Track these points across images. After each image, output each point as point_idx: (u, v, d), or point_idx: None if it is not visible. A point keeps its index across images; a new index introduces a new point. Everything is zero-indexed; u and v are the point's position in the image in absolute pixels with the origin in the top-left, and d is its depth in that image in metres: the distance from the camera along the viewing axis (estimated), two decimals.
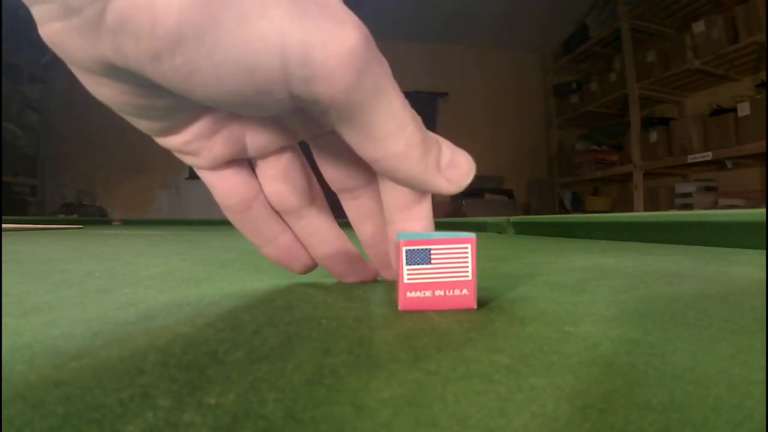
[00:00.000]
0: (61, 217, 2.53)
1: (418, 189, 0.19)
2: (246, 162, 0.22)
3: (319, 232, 0.23)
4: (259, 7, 0.13)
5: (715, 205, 2.48)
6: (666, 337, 0.15)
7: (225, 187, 0.21)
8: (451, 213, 3.45)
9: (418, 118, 0.17)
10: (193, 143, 0.19)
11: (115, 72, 0.15)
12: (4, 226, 0.99)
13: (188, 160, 0.20)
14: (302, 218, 0.23)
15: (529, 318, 0.18)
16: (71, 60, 0.15)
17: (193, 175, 3.33)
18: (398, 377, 0.12)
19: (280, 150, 0.21)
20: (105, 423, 0.09)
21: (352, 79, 0.14)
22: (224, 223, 0.20)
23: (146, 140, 0.22)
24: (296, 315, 0.19)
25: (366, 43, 0.14)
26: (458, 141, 0.19)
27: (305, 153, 0.23)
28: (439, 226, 0.24)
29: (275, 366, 0.12)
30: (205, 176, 0.21)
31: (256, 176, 0.22)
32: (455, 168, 0.18)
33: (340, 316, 0.18)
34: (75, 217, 2.52)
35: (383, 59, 0.15)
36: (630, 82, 2.87)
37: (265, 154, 0.21)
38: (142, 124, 0.18)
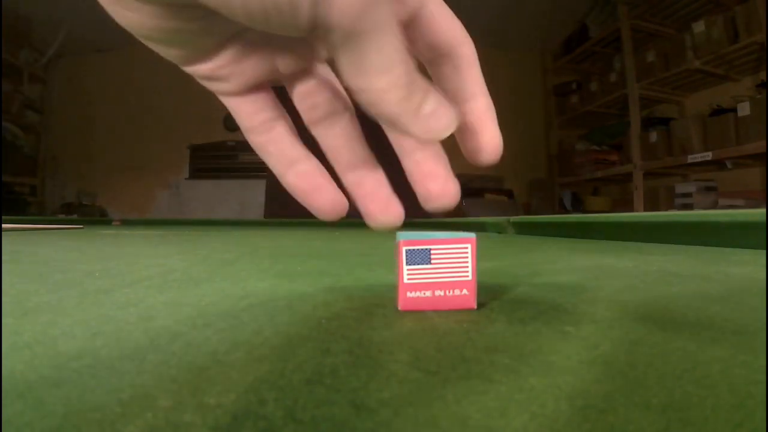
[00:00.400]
0: (61, 217, 2.53)
1: (394, 128, 0.20)
2: (270, 88, 0.23)
3: (348, 141, 0.24)
4: None
5: (715, 205, 2.48)
6: (666, 337, 0.15)
7: (250, 108, 0.22)
8: (451, 213, 3.45)
9: (412, 67, 0.18)
10: (224, 68, 0.20)
11: None
12: (4, 226, 0.99)
13: (215, 86, 0.21)
14: (334, 126, 0.23)
15: (529, 318, 0.18)
16: None
17: (193, 175, 3.33)
18: (398, 377, 0.12)
19: (307, 72, 0.22)
20: (105, 423, 0.09)
21: (358, 9, 0.15)
22: (224, 223, 0.20)
23: (146, 140, 0.22)
24: (296, 315, 0.19)
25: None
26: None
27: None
28: (439, 226, 0.24)
29: (275, 366, 0.12)
30: (231, 101, 0.22)
31: (279, 104, 0.23)
32: (436, 118, 0.19)
33: (340, 316, 0.18)
34: (75, 217, 2.52)
35: (394, 3, 0.16)
36: (630, 82, 2.87)
37: (294, 76, 0.22)
38: (171, 53, 0.19)
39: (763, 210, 0.53)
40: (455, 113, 0.19)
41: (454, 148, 0.23)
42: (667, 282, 0.27)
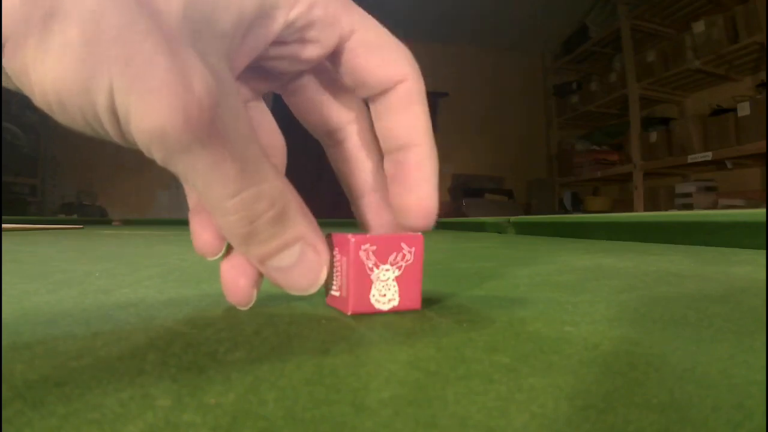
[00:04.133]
0: (61, 217, 2.53)
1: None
2: None
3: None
4: (93, 78, 0.12)
5: (715, 205, 2.48)
6: (666, 337, 0.15)
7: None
8: (451, 213, 3.46)
9: (261, 212, 0.15)
10: None
11: None
12: (4, 226, 0.99)
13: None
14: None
15: (529, 318, 0.18)
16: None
17: None
18: (398, 377, 0.12)
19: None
20: (105, 423, 0.09)
21: (162, 154, 0.13)
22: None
23: None
24: (296, 315, 0.19)
25: (183, 122, 0.12)
26: (458, 141, 0.19)
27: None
28: (438, 226, 0.24)
29: (275, 366, 0.12)
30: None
31: None
32: (282, 276, 0.16)
33: (340, 316, 0.18)
34: (75, 217, 2.52)
35: (214, 138, 0.13)
36: (630, 82, 2.87)
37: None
38: None
39: (763, 210, 0.53)
40: (316, 278, 0.17)
41: (454, 149, 0.22)
42: (667, 282, 0.27)
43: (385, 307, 0.19)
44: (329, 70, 0.20)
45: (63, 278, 0.29)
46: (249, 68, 0.17)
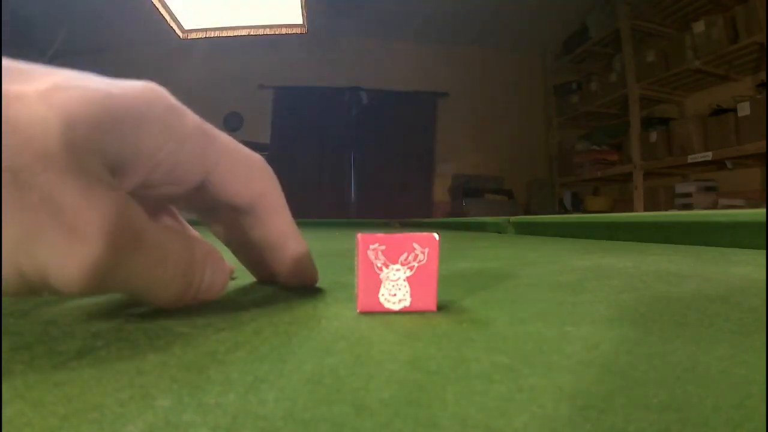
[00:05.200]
0: None
1: None
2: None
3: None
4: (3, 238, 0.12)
5: (715, 205, 2.48)
6: (666, 337, 0.15)
7: None
8: (451, 213, 3.46)
9: (191, 278, 0.18)
10: None
11: None
12: None
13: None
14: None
15: (529, 318, 0.18)
16: None
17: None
18: (398, 377, 0.12)
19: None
20: (105, 423, 0.09)
21: (96, 291, 0.14)
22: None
23: None
24: (296, 315, 0.19)
25: (106, 257, 0.13)
26: (458, 141, 0.19)
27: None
28: (438, 226, 0.23)
29: (275, 366, 0.12)
30: None
31: None
32: (210, 290, 0.19)
33: (340, 316, 0.18)
34: None
35: (137, 241, 0.15)
36: (630, 82, 2.87)
37: None
38: None
39: (763, 210, 0.53)
40: (225, 271, 0.20)
41: (454, 149, 0.22)
42: (667, 282, 0.27)
43: (396, 307, 0.19)
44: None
45: None
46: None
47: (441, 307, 0.20)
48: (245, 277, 0.30)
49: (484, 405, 0.10)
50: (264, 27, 2.52)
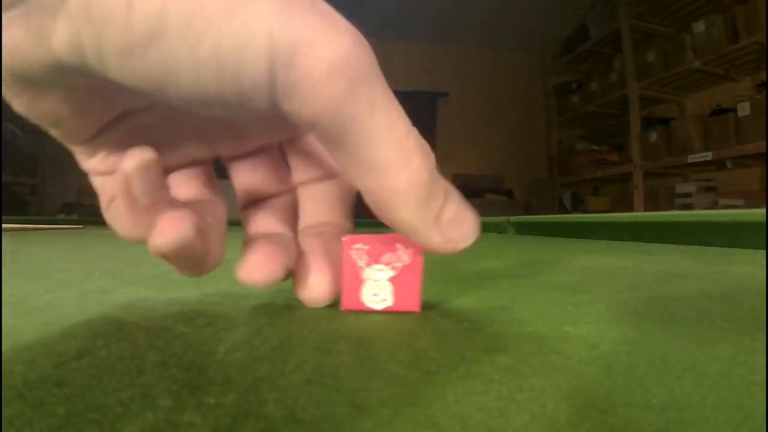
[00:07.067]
0: (61, 217, 2.53)
1: (407, 235, 0.15)
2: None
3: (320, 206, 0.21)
4: None
5: (715, 205, 2.48)
6: (666, 337, 0.15)
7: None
8: None
9: (429, 152, 0.14)
10: (107, 160, 0.17)
11: (60, 76, 0.12)
12: (4, 226, 0.99)
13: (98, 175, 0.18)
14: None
15: (529, 318, 0.18)
16: (7, 69, 0.12)
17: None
18: (398, 377, 0.12)
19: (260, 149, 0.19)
20: (105, 423, 0.09)
21: (343, 92, 0.12)
22: (233, 224, 0.20)
23: None
24: (296, 315, 0.19)
25: (364, 51, 0.12)
26: (458, 141, 0.19)
27: None
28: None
29: (275, 366, 0.12)
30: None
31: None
32: (457, 226, 0.15)
33: (340, 316, 0.18)
34: (75, 217, 2.52)
35: (382, 77, 0.13)
36: (630, 82, 2.87)
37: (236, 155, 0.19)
38: (67, 137, 0.16)
39: (763, 210, 0.53)
40: (474, 216, 0.16)
41: (454, 149, 0.22)
42: (667, 282, 0.27)
43: (378, 307, 0.19)
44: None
45: (63, 278, 0.29)
46: (214, 126, 0.16)
47: (441, 308, 0.20)
48: None
49: (484, 405, 0.10)
50: None
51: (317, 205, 0.20)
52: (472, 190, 3.42)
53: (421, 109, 3.62)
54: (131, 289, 0.25)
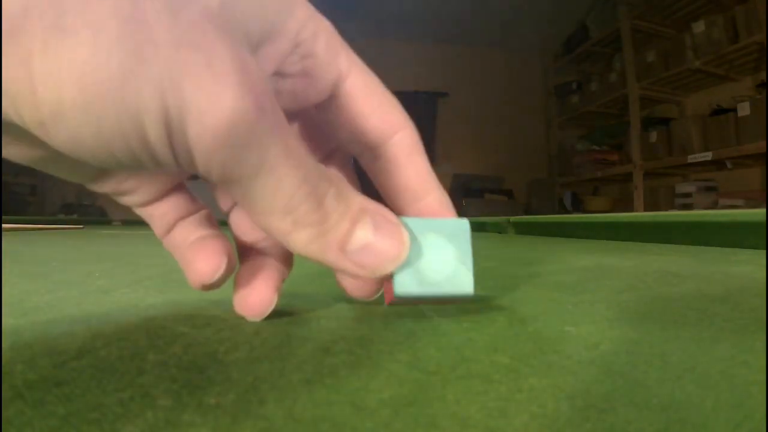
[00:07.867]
0: (61, 217, 2.53)
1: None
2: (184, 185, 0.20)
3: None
4: (136, 63, 0.11)
5: (715, 205, 2.48)
6: (666, 337, 0.15)
7: (164, 210, 0.19)
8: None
9: (325, 190, 0.14)
10: (126, 182, 0.17)
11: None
12: (4, 226, 0.99)
13: (125, 200, 0.18)
14: None
15: (529, 318, 0.18)
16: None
17: (194, 176, 3.33)
18: (398, 377, 0.12)
19: None
20: (105, 423, 0.09)
21: (229, 158, 0.12)
22: (223, 224, 0.19)
23: None
24: (296, 315, 0.19)
25: (253, 111, 0.12)
26: (458, 141, 0.18)
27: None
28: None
29: (275, 366, 0.12)
30: (144, 211, 0.19)
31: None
32: (368, 254, 0.15)
33: (340, 316, 0.18)
34: (75, 217, 2.52)
35: (280, 127, 0.13)
36: (630, 82, 2.87)
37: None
38: (74, 177, 0.16)
39: (763, 210, 0.53)
40: (401, 239, 0.15)
41: (454, 149, 0.21)
42: (667, 282, 0.27)
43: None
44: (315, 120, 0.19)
45: (63, 278, 0.29)
46: None
47: (441, 307, 0.20)
48: None
49: (484, 405, 0.10)
50: None
51: None
52: (472, 190, 3.43)
53: (421, 109, 3.62)
54: (131, 289, 0.25)
